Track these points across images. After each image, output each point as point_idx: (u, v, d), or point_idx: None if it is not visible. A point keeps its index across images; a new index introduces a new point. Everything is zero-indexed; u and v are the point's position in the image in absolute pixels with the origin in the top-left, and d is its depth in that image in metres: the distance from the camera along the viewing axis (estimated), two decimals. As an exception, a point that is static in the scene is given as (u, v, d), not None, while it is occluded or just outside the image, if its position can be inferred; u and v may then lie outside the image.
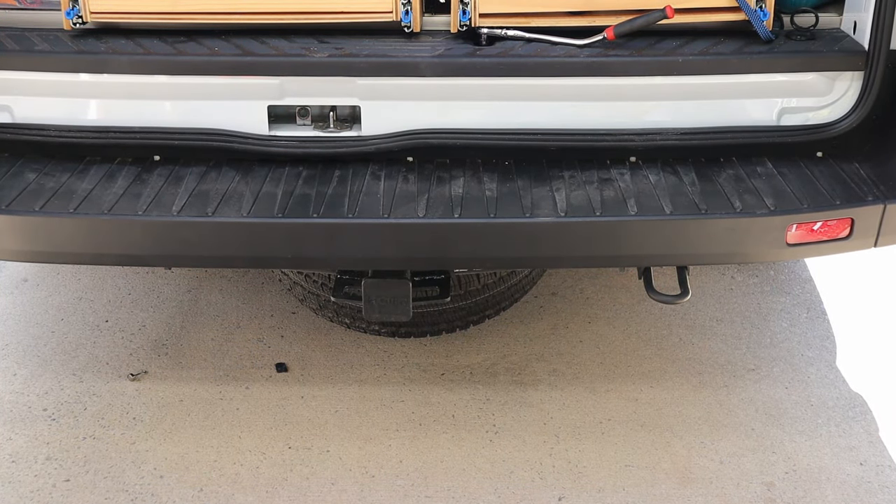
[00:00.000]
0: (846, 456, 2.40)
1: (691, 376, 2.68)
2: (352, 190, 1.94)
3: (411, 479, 2.33)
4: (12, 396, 2.62)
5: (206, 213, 1.87)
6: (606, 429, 2.49)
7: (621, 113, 2.05)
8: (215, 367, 2.75)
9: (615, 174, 1.99)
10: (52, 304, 3.07)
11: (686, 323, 2.94)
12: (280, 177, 1.99)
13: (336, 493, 2.28)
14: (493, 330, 2.91)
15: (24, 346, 2.86)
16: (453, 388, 2.66)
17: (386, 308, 2.11)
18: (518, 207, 1.88)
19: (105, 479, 2.32)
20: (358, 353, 2.81)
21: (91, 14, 2.06)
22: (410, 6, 2.03)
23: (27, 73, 2.03)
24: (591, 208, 1.87)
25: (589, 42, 2.01)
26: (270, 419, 2.53)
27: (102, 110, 2.08)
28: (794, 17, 2.12)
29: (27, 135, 2.07)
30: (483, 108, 2.04)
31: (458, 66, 1.98)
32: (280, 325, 2.95)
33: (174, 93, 2.04)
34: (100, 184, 1.97)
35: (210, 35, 2.08)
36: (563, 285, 3.15)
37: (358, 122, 2.05)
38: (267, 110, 2.03)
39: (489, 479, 2.32)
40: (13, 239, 1.92)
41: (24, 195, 1.93)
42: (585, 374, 2.71)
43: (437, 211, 1.88)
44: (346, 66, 1.98)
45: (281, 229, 1.88)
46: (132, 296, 3.11)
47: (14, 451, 2.41)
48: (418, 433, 2.48)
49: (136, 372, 2.72)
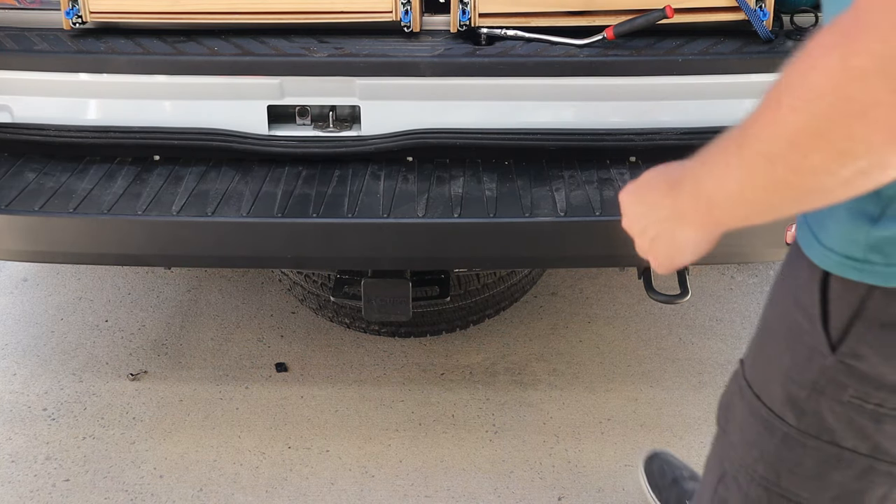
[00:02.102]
0: (846, 456, 2.40)
1: (691, 376, 2.68)
2: (351, 190, 1.94)
3: (411, 479, 2.33)
4: (12, 396, 2.62)
5: (206, 212, 1.87)
6: (606, 429, 2.49)
7: (621, 113, 2.04)
8: (215, 367, 2.75)
9: (615, 174, 1.99)
10: (52, 303, 3.07)
11: (686, 323, 2.94)
12: (280, 177, 1.99)
13: (336, 492, 2.28)
14: (493, 330, 2.91)
15: (24, 345, 2.85)
16: (453, 388, 2.66)
17: (386, 308, 2.11)
18: (518, 207, 1.88)
19: (105, 478, 2.32)
20: (358, 353, 2.81)
21: (91, 14, 2.06)
22: (410, 6, 2.03)
23: (27, 73, 2.03)
24: (590, 208, 1.87)
25: (589, 42, 2.01)
26: (270, 419, 2.53)
27: (102, 110, 2.08)
28: (794, 17, 2.12)
29: (27, 134, 2.06)
30: (483, 107, 2.04)
31: (457, 66, 1.98)
32: (280, 325, 2.95)
33: (174, 92, 2.04)
34: (99, 183, 1.97)
35: (210, 35, 2.08)
36: (563, 285, 3.15)
37: (358, 122, 2.05)
38: (267, 110, 2.03)
39: (489, 479, 2.32)
40: (13, 239, 1.92)
41: (23, 195, 1.93)
42: (585, 373, 2.71)
43: (436, 211, 1.88)
44: (346, 65, 1.98)
45: (281, 229, 1.88)
46: (132, 296, 3.11)
47: (13, 451, 2.41)
48: (418, 433, 2.48)
49: (136, 372, 2.72)
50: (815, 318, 1.00)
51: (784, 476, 1.06)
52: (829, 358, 0.99)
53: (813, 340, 1.00)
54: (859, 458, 1.02)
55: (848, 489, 1.04)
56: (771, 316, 1.11)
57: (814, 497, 1.06)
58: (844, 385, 0.99)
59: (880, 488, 1.04)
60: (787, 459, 1.06)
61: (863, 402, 0.99)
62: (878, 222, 0.93)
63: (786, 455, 1.05)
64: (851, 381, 0.98)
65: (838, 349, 0.98)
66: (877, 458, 1.02)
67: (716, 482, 1.17)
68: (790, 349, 1.04)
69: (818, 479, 1.05)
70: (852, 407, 0.99)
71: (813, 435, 1.03)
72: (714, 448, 1.20)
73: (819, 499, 1.06)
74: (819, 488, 1.05)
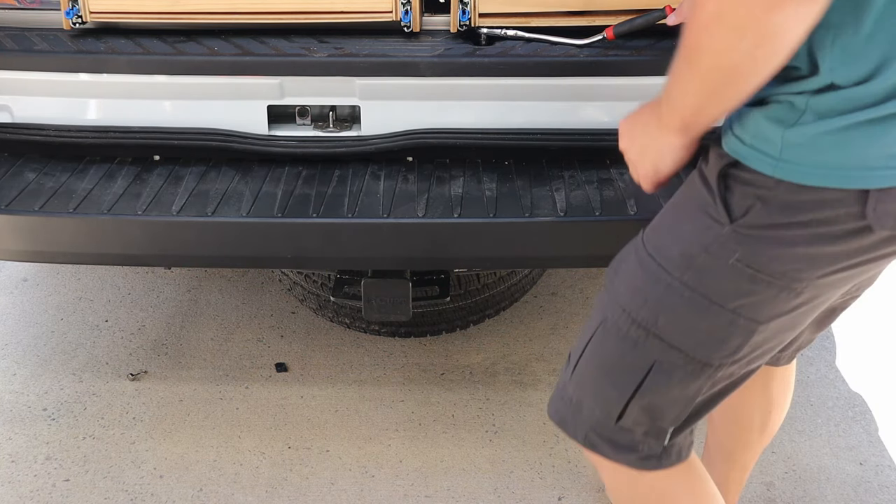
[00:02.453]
0: (846, 456, 2.40)
1: (691, 376, 2.68)
2: (351, 190, 1.94)
3: (411, 479, 2.33)
4: (12, 396, 2.62)
5: (206, 212, 1.87)
6: (606, 429, 2.49)
7: (621, 113, 2.03)
8: (215, 367, 2.75)
9: (615, 174, 1.99)
10: (52, 303, 3.07)
11: (686, 323, 2.94)
12: (280, 177, 1.99)
13: (335, 492, 2.28)
14: (493, 330, 2.91)
15: (24, 345, 2.85)
16: (453, 388, 2.66)
17: (386, 308, 2.11)
18: (518, 207, 1.88)
19: (105, 478, 2.32)
20: (358, 353, 2.81)
21: (91, 14, 2.06)
22: (410, 6, 2.03)
23: (26, 73, 2.03)
24: (590, 208, 1.87)
25: (589, 42, 2.01)
26: (270, 419, 2.53)
27: (102, 110, 2.08)
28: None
29: (27, 134, 2.06)
30: (483, 107, 2.04)
31: (457, 66, 1.98)
32: (280, 325, 2.95)
33: (174, 92, 2.04)
34: (99, 183, 1.97)
35: (210, 35, 2.08)
36: (563, 285, 3.15)
37: (357, 122, 2.05)
38: (267, 110, 2.03)
39: (489, 479, 2.33)
40: (13, 239, 1.91)
41: (23, 195, 1.93)
42: (585, 374, 2.71)
43: (436, 211, 1.87)
44: (346, 65, 1.98)
45: (280, 229, 1.88)
46: (132, 296, 3.11)
47: (13, 451, 2.41)
48: (418, 433, 2.48)
49: (136, 372, 2.72)
50: (717, 196, 1.21)
51: (661, 319, 1.27)
52: (725, 227, 1.20)
53: (715, 213, 1.21)
54: (724, 312, 1.23)
55: (711, 336, 1.26)
56: (681, 193, 1.32)
57: (683, 339, 1.27)
58: (733, 250, 1.20)
59: (735, 339, 1.25)
60: (666, 306, 1.26)
61: (744, 266, 1.20)
62: (792, 127, 1.13)
63: (666, 301, 1.26)
64: (740, 248, 1.20)
65: (736, 222, 1.19)
66: (737, 314, 1.23)
67: (594, 328, 1.37)
68: (692, 219, 1.25)
69: (688, 324, 1.26)
70: (734, 269, 1.21)
71: (691, 287, 1.24)
72: (597, 305, 1.40)
73: (687, 342, 1.27)
74: (687, 332, 1.26)
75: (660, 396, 1.31)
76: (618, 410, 1.34)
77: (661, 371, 1.29)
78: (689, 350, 1.27)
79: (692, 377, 1.29)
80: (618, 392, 1.33)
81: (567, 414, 1.42)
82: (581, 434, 1.40)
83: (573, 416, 1.41)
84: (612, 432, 1.37)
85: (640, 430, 1.36)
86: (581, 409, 1.39)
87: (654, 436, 1.36)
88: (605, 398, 1.35)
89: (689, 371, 1.28)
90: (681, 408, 1.33)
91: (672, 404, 1.32)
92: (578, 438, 1.41)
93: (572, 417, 1.41)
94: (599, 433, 1.38)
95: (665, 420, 1.34)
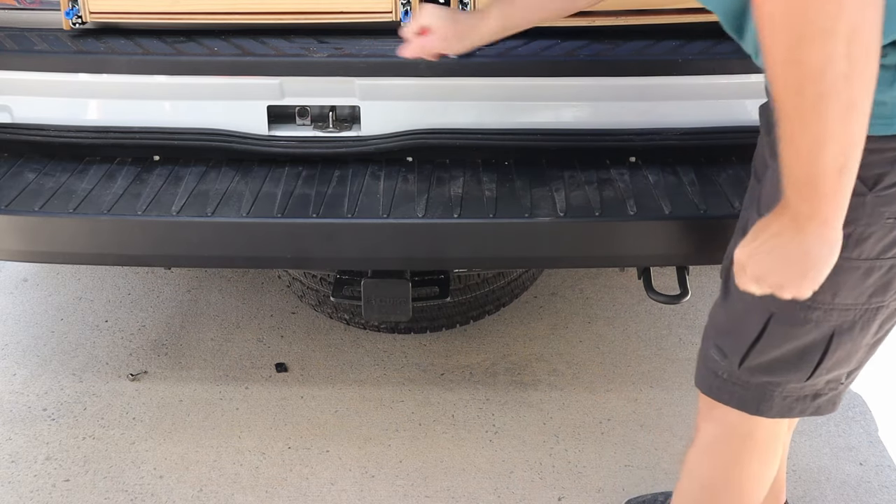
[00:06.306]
0: (845, 456, 2.40)
1: (691, 376, 2.67)
2: (351, 190, 1.94)
3: (411, 479, 2.33)
4: (12, 396, 2.62)
5: (206, 213, 1.87)
6: (606, 429, 2.49)
7: (621, 113, 2.04)
8: (215, 368, 2.75)
9: (615, 174, 1.99)
10: (52, 304, 3.07)
11: (686, 323, 2.94)
12: (280, 177, 1.99)
13: (336, 493, 2.28)
14: (493, 330, 2.91)
15: (24, 345, 2.86)
16: (453, 388, 2.66)
17: (385, 308, 2.11)
18: (518, 207, 1.88)
19: (105, 479, 2.32)
20: (358, 353, 2.81)
21: (90, 14, 2.06)
22: (410, 6, 2.02)
23: (26, 73, 2.03)
24: (590, 208, 1.87)
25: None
26: (270, 419, 2.53)
27: (102, 110, 2.08)
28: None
29: (27, 134, 2.06)
30: (482, 107, 2.04)
31: (457, 66, 1.98)
32: (280, 325, 2.95)
33: (174, 93, 2.04)
34: (99, 184, 1.97)
35: (210, 35, 2.08)
36: (563, 285, 3.15)
37: (357, 122, 2.05)
38: (266, 110, 2.03)
39: (489, 479, 2.32)
40: (13, 239, 1.91)
41: (23, 195, 1.93)
42: (585, 374, 2.71)
43: (436, 211, 1.88)
44: (346, 66, 1.98)
45: (280, 229, 1.88)
46: (132, 296, 3.11)
47: (13, 451, 2.41)
48: (418, 433, 2.48)
49: (136, 372, 2.72)
50: None
51: (839, 296, 1.37)
52: (868, 196, 1.28)
53: (856, 188, 1.21)
54: (887, 262, 1.35)
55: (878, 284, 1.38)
56: None
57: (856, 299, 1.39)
58: (882, 213, 1.29)
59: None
60: (840, 283, 1.35)
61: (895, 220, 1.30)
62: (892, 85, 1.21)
63: (841, 279, 1.33)
64: (887, 208, 1.29)
65: (874, 189, 1.28)
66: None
67: (763, 323, 1.45)
68: None
69: (861, 287, 1.37)
70: (888, 226, 1.31)
71: (855, 258, 1.33)
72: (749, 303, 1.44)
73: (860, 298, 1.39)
74: (861, 294, 1.38)
75: (842, 352, 1.46)
76: (805, 377, 1.50)
77: (842, 333, 1.43)
78: (864, 303, 1.40)
79: (868, 325, 1.44)
80: (806, 366, 1.48)
81: (749, 399, 1.57)
82: (776, 410, 1.56)
83: (758, 401, 1.57)
84: (803, 391, 1.54)
85: (822, 380, 1.52)
86: (767, 390, 1.54)
87: (833, 385, 1.55)
88: (792, 377, 1.51)
89: (866, 320, 1.43)
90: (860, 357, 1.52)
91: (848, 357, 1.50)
92: (773, 413, 1.56)
93: (757, 402, 1.57)
94: (795, 398, 1.54)
95: (843, 370, 1.52)
